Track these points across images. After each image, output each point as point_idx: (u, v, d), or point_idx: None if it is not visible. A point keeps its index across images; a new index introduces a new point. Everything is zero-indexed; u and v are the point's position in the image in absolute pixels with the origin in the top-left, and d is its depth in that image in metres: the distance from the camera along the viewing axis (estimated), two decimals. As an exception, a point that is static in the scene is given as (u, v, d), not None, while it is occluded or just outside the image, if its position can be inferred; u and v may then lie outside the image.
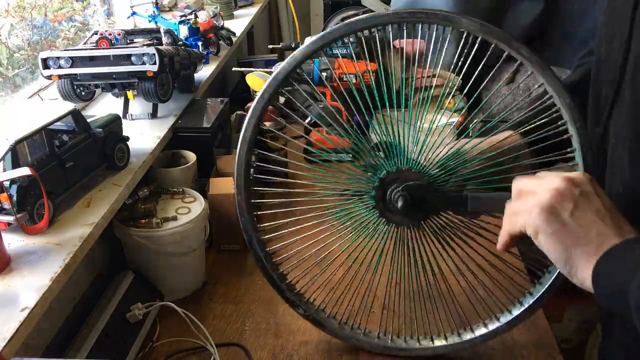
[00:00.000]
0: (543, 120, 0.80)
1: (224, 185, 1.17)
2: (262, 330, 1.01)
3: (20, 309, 0.72)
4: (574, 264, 0.61)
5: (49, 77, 1.14)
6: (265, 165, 0.93)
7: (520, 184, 0.67)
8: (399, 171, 0.83)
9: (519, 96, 1.71)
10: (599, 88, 0.79)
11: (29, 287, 0.76)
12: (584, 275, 0.61)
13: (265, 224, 0.92)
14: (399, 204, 0.80)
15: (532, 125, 0.81)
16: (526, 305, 0.89)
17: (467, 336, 0.93)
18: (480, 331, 0.92)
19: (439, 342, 0.94)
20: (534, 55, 0.76)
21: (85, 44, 1.26)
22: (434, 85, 0.87)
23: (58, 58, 1.12)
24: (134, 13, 1.65)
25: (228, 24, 1.90)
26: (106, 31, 1.23)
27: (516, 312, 0.90)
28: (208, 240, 1.15)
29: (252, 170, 0.88)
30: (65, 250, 0.83)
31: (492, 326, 0.92)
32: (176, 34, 1.44)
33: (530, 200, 0.64)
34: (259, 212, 0.94)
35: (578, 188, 0.63)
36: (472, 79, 0.82)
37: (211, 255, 1.20)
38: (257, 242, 0.90)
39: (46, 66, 1.13)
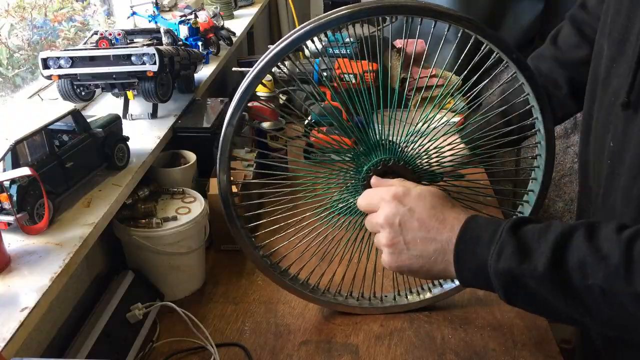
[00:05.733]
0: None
1: (224, 185, 1.17)
2: (262, 330, 1.01)
3: (20, 309, 0.72)
4: (436, 276, 0.74)
5: (49, 77, 1.14)
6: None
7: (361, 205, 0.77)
8: (385, 164, 0.85)
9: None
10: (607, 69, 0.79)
11: (29, 287, 0.76)
12: (450, 276, 0.71)
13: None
14: None
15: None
16: None
17: (437, 291, 1.04)
18: (449, 285, 1.03)
19: (412, 298, 1.04)
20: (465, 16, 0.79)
21: (85, 44, 1.26)
22: (430, 83, 0.88)
23: (58, 58, 1.12)
24: (134, 13, 1.65)
25: (228, 24, 1.90)
26: (106, 31, 1.23)
27: None
28: (208, 240, 1.15)
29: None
30: (65, 250, 0.83)
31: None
32: (176, 34, 1.44)
33: (377, 240, 0.74)
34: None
35: (403, 206, 0.71)
36: (465, 76, 0.83)
37: (211, 255, 1.20)
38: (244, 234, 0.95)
39: (46, 66, 1.13)
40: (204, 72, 1.55)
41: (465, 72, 0.84)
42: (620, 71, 0.74)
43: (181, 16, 1.59)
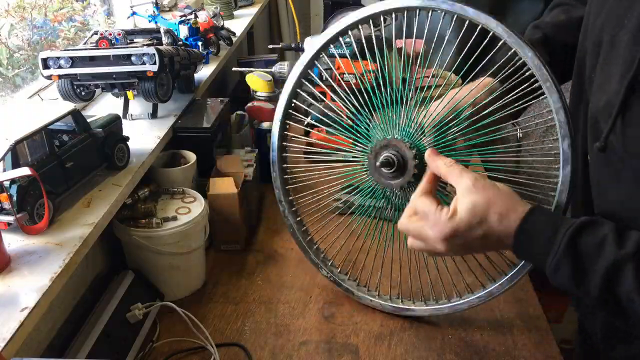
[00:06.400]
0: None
1: (224, 185, 1.17)
2: (262, 330, 1.01)
3: (20, 309, 0.72)
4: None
5: (49, 77, 1.14)
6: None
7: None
8: (389, 140, 0.88)
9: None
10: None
11: (29, 287, 0.76)
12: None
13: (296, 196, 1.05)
14: (379, 161, 0.87)
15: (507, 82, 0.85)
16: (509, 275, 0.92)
17: (467, 297, 0.98)
18: (480, 292, 0.97)
19: (442, 304, 1.00)
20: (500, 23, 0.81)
21: (85, 44, 1.26)
22: (431, 83, 0.88)
23: (58, 58, 1.12)
24: (134, 13, 1.65)
25: (228, 24, 1.89)
26: (106, 31, 1.23)
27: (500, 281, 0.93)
28: (208, 240, 1.15)
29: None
30: (65, 250, 0.83)
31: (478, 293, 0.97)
32: (176, 34, 1.44)
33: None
34: (290, 187, 1.06)
35: (460, 239, 0.74)
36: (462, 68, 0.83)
37: (211, 255, 1.20)
38: (289, 213, 1.06)
39: (46, 66, 1.13)
40: (204, 72, 1.55)
41: (463, 69, 0.84)
42: (597, 95, 0.73)
43: (181, 16, 1.59)
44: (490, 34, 0.82)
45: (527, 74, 0.81)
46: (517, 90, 0.83)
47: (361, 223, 1.00)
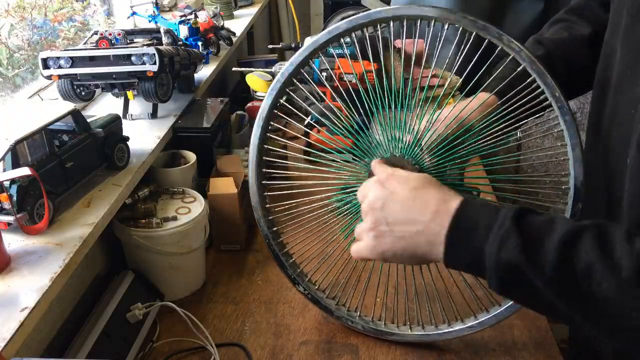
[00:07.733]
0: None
1: (224, 185, 1.17)
2: (262, 330, 1.01)
3: (20, 309, 0.72)
4: (421, 259, 0.68)
5: (49, 77, 1.14)
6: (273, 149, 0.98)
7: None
8: (392, 157, 0.83)
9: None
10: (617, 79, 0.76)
11: (29, 287, 0.76)
12: (435, 260, 0.67)
13: (274, 204, 0.98)
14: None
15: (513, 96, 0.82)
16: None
17: (457, 326, 0.94)
18: (470, 322, 0.94)
19: (429, 330, 0.96)
20: (524, 48, 0.78)
21: (85, 44, 1.26)
22: (432, 84, 0.88)
23: (58, 58, 1.12)
24: (134, 13, 1.65)
25: (228, 24, 1.90)
26: (106, 31, 1.23)
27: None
28: (208, 240, 1.15)
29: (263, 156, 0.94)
30: (65, 250, 0.83)
31: (481, 318, 0.93)
32: (176, 34, 1.44)
33: (360, 228, 0.72)
34: (267, 193, 0.98)
35: (385, 189, 0.69)
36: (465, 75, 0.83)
37: (211, 255, 1.20)
38: (264, 222, 0.97)
39: (46, 66, 1.13)
40: (204, 72, 1.55)
41: (460, 69, 0.83)
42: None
43: (181, 16, 1.59)
44: (511, 56, 0.80)
45: (544, 104, 0.80)
46: (530, 119, 0.83)
47: (348, 237, 0.91)
